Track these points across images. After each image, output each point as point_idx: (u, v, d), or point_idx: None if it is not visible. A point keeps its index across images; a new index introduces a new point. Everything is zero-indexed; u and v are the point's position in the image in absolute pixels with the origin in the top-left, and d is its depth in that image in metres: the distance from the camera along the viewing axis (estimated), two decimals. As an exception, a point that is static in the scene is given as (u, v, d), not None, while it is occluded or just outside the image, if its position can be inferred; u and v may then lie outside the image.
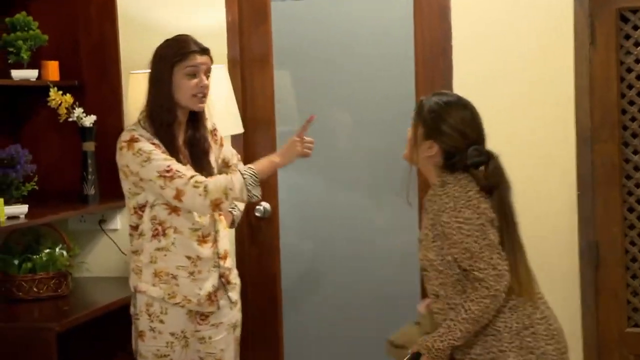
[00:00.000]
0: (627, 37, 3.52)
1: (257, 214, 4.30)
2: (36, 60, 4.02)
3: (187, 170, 3.26)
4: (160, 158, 3.25)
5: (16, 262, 3.86)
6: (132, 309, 3.38)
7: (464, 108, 3.03)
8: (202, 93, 3.33)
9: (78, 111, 4.07)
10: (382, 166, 4.49)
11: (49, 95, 3.97)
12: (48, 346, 3.42)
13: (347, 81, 4.49)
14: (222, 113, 3.95)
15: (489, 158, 2.98)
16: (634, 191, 3.58)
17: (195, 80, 3.30)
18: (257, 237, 4.36)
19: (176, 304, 3.31)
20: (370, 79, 4.45)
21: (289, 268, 4.49)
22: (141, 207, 3.32)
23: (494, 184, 2.93)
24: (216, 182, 3.25)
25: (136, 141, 3.27)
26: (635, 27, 3.51)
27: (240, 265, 4.20)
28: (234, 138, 4.20)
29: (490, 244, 2.84)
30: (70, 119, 4.07)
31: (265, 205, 4.31)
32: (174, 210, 3.30)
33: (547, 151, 3.91)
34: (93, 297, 4.19)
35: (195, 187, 3.21)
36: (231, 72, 4.16)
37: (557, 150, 3.84)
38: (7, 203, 3.65)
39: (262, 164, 3.36)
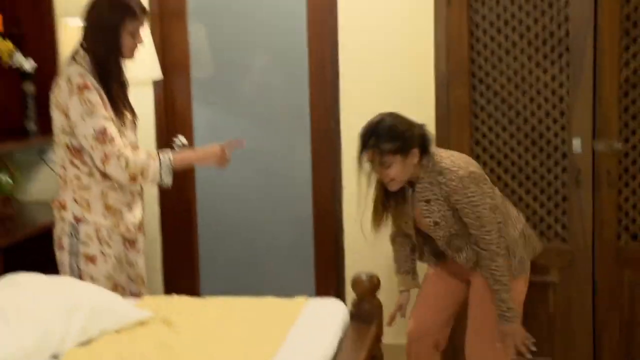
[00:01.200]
0: None
1: (175, 147, 4.57)
2: (-24, 10, 4.16)
3: (117, 138, 3.34)
4: (101, 116, 3.32)
5: (-36, 188, 4.04)
6: (70, 237, 3.44)
7: (395, 116, 3.30)
8: (136, 48, 3.50)
9: (18, 56, 4.30)
10: (281, 104, 4.72)
11: (-8, 43, 4.13)
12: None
13: (251, 31, 4.66)
14: (143, 61, 4.11)
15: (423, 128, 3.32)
16: (480, 127, 3.83)
17: (136, 37, 3.46)
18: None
19: (119, 233, 3.50)
20: (270, 30, 4.64)
21: (203, 195, 4.80)
22: (77, 150, 3.40)
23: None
24: (136, 160, 3.36)
25: (87, 89, 3.32)
26: None
27: (161, 191, 4.60)
28: (155, 83, 4.50)
29: (495, 203, 3.30)
30: (12, 65, 4.30)
31: (182, 139, 4.62)
32: None
33: (412, 95, 4.23)
34: (35, 218, 4.36)
35: (118, 158, 3.33)
36: (150, 24, 4.30)
37: (419, 94, 4.16)
38: (-45, 138, 3.79)
39: (181, 157, 3.53)
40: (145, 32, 3.63)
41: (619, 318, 3.82)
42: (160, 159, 3.44)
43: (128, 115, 3.54)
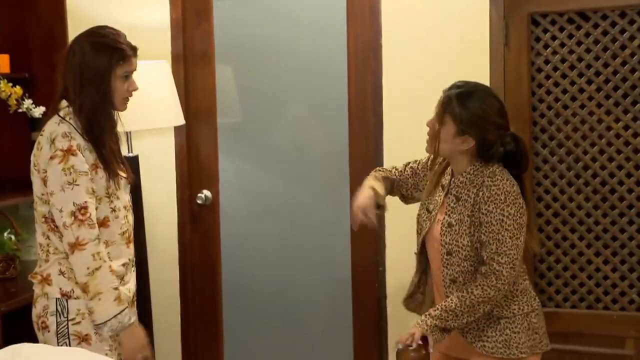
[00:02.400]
0: (538, 39, 3.60)
1: (198, 201, 4.44)
2: (-13, 53, 4.09)
3: (96, 226, 3.09)
4: (84, 190, 3.08)
5: (-34, 245, 3.93)
6: (57, 315, 3.15)
7: (493, 97, 3.03)
8: (130, 96, 3.25)
9: (28, 102, 4.18)
10: (315, 159, 4.54)
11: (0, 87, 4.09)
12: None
13: (285, 76, 4.51)
14: (165, 106, 4.10)
15: (521, 144, 3.03)
16: (542, 182, 3.67)
17: (128, 83, 3.21)
18: (198, 224, 4.48)
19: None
20: (306, 74, 4.47)
21: (229, 254, 4.59)
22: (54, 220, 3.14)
23: (522, 171, 3.04)
24: (106, 278, 3.09)
25: (73, 154, 3.07)
26: (545, 30, 3.59)
27: (182, 251, 4.44)
28: (177, 129, 4.37)
29: (519, 245, 2.93)
30: (20, 110, 4.18)
31: (206, 192, 4.45)
32: (102, 224, 3.17)
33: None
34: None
35: (94, 256, 3.07)
36: (174, 67, 4.30)
37: None
38: (-42, 190, 3.72)
39: (136, 330, 3.23)
40: (163, 74, 3.30)
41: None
42: (124, 310, 3.14)
43: (122, 174, 3.29)
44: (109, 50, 3.15)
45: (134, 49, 3.23)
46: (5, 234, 4.07)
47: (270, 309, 4.69)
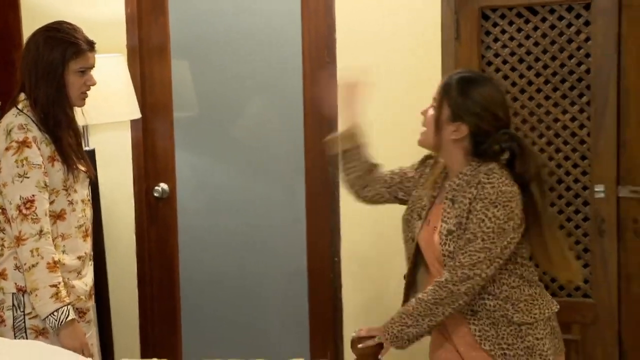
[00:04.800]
0: (488, 33, 3.62)
1: (155, 194, 4.48)
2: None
3: (43, 218, 3.09)
4: (34, 183, 3.08)
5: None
6: (13, 310, 3.17)
7: (494, 87, 2.91)
8: (88, 90, 3.27)
9: None
10: (271, 152, 4.61)
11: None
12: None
13: (241, 70, 4.56)
14: (120, 99, 4.12)
15: (520, 145, 2.86)
16: None
17: (85, 78, 3.22)
18: (155, 217, 4.53)
19: (69, 302, 3.17)
20: (262, 68, 4.53)
21: (186, 247, 4.64)
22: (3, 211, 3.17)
23: (529, 179, 2.83)
24: (41, 276, 3.07)
25: (27, 146, 3.09)
26: (495, 24, 3.61)
27: (140, 243, 4.47)
28: (133, 123, 4.39)
29: (492, 250, 2.75)
30: None
31: (163, 186, 4.49)
32: (59, 217, 3.21)
33: (416, 136, 3.77)
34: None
35: (32, 252, 3.07)
36: (130, 61, 4.32)
37: None
38: None
39: (78, 328, 3.19)
40: (118, 68, 3.32)
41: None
42: (61, 307, 3.11)
43: (82, 168, 3.31)
44: (63, 45, 3.17)
45: (91, 44, 3.24)
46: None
47: (227, 301, 4.73)
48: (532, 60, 3.67)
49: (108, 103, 3.98)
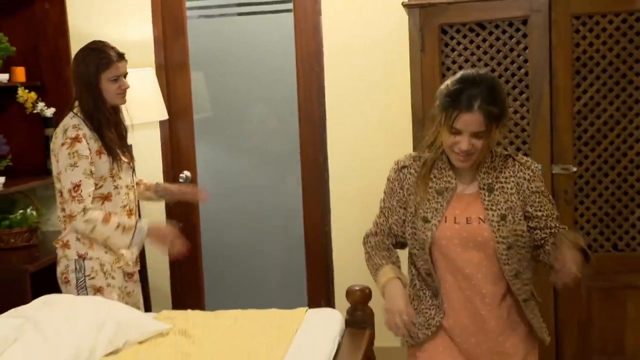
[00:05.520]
0: (447, 45, 3.61)
1: (180, 180, 4.44)
2: (7, 66, 4.14)
3: (87, 199, 3.10)
4: (82, 171, 3.10)
5: (-4, 220, 3.95)
6: (76, 272, 3.21)
7: (495, 79, 2.43)
8: (124, 92, 3.27)
9: (41, 105, 4.18)
10: (273, 145, 4.68)
11: (17, 94, 4.11)
12: (24, 283, 3.59)
13: (246, 81, 4.63)
14: (151, 105, 4.11)
15: None
16: None
17: (119, 83, 3.22)
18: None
19: (119, 267, 3.29)
20: (264, 79, 4.60)
21: (206, 221, 4.59)
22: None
23: None
24: (104, 229, 3.12)
25: (78, 141, 3.11)
26: (452, 38, 3.60)
27: (169, 219, 4.43)
28: (162, 123, 4.38)
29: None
30: (35, 111, 4.18)
31: (186, 173, 4.46)
32: (106, 199, 3.22)
33: (392, 133, 4.08)
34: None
35: (85, 222, 3.11)
36: (158, 74, 4.30)
37: (398, 131, 4.01)
38: (-13, 177, 3.80)
39: (154, 230, 3.25)
40: (149, 80, 3.31)
41: (577, 318, 3.71)
42: (134, 228, 3.19)
43: (125, 159, 3.31)
44: (96, 60, 3.19)
45: (120, 55, 3.24)
46: (28, 210, 4.08)
47: (240, 264, 4.80)
48: (482, 65, 3.67)
49: (141, 108, 3.97)
